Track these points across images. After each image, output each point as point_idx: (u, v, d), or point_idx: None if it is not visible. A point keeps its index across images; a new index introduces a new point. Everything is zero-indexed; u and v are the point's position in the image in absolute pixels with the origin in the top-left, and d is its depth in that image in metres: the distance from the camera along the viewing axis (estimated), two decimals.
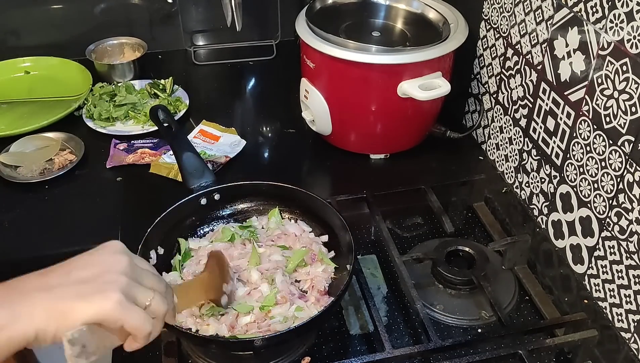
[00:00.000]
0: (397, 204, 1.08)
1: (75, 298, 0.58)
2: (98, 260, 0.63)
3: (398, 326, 0.88)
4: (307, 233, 0.93)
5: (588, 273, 0.89)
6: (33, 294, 0.58)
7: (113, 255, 0.63)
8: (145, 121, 1.25)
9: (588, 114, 0.86)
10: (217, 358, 0.82)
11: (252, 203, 0.98)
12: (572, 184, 0.91)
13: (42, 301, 0.58)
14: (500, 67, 1.09)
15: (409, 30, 1.15)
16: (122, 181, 1.13)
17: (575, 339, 0.84)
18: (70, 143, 1.19)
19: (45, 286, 0.59)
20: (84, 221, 1.03)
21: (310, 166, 1.24)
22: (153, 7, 1.49)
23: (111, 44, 1.45)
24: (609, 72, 0.80)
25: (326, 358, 0.83)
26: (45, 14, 1.43)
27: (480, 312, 0.89)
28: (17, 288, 0.59)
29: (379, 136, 1.17)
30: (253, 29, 1.53)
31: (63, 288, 0.59)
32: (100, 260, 0.63)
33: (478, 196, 1.10)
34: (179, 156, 0.99)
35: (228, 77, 1.48)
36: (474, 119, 1.23)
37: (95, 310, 0.58)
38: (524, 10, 0.99)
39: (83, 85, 1.34)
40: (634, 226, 0.79)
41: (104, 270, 0.61)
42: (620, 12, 0.76)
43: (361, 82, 1.08)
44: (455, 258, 0.95)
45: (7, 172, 1.12)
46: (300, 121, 1.22)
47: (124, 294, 0.59)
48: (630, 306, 0.81)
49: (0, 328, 0.55)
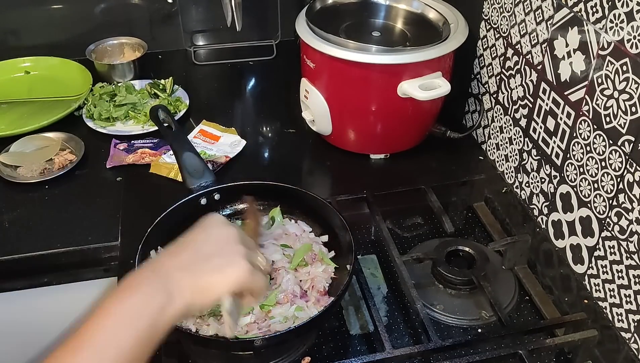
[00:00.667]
0: (397, 204, 1.08)
1: (212, 273, 0.66)
2: (215, 234, 0.70)
3: (398, 326, 0.88)
4: (307, 233, 0.93)
5: (588, 273, 0.89)
6: (175, 274, 0.64)
7: (223, 227, 0.71)
8: (146, 121, 1.25)
9: (588, 114, 0.86)
10: (217, 358, 0.82)
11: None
12: (572, 184, 0.91)
13: (186, 280, 0.64)
14: (500, 67, 1.09)
15: (409, 30, 1.15)
16: (122, 181, 1.13)
17: (575, 339, 0.84)
18: (70, 143, 1.19)
19: (182, 266, 0.65)
20: (84, 221, 1.03)
21: (310, 166, 1.24)
22: (153, 7, 1.48)
23: (111, 44, 1.45)
24: (609, 72, 0.80)
25: (326, 358, 0.83)
26: (45, 14, 1.43)
27: (480, 312, 0.89)
28: (159, 271, 0.64)
29: (379, 136, 1.17)
30: (253, 29, 1.53)
31: (198, 265, 0.66)
32: (217, 233, 0.70)
33: (478, 196, 1.10)
34: (179, 156, 0.99)
35: (228, 77, 1.48)
36: (474, 119, 1.23)
37: (231, 281, 0.66)
38: (524, 10, 0.99)
39: (83, 85, 1.34)
40: (634, 226, 0.79)
41: (224, 242, 0.69)
42: (620, 12, 0.76)
43: (361, 82, 1.08)
44: (455, 258, 0.95)
45: (7, 172, 1.12)
46: (300, 121, 1.22)
47: (249, 261, 0.68)
48: (630, 306, 0.81)
49: (163, 309, 0.61)
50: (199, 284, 0.65)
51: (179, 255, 0.67)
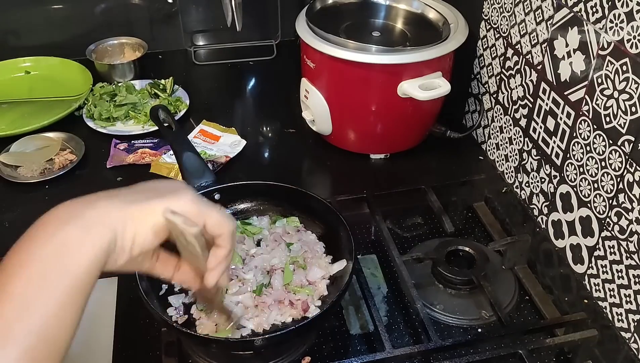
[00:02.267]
0: (397, 204, 1.08)
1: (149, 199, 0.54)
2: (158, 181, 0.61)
3: (398, 326, 0.88)
4: (307, 233, 0.93)
5: (588, 273, 0.90)
6: (100, 203, 0.52)
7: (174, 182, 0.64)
8: (146, 121, 1.25)
9: (588, 114, 0.86)
10: (217, 358, 0.82)
11: (252, 203, 0.98)
12: (572, 184, 0.91)
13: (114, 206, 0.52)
14: (500, 67, 1.09)
15: (409, 30, 1.15)
16: (122, 181, 1.13)
17: (575, 339, 0.84)
18: (71, 143, 1.19)
19: (113, 196, 0.54)
20: None
21: (310, 166, 1.24)
22: (153, 7, 1.49)
23: (111, 44, 1.45)
24: (609, 72, 0.80)
25: (326, 358, 0.83)
26: (45, 14, 1.43)
27: (480, 312, 0.89)
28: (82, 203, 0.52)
29: (379, 136, 1.17)
30: (253, 29, 1.52)
31: (130, 194, 0.55)
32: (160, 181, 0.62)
33: (478, 196, 1.10)
34: (179, 156, 0.99)
35: (228, 77, 1.48)
36: (474, 119, 1.23)
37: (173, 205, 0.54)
38: (524, 10, 0.99)
39: (83, 85, 1.34)
40: (634, 226, 0.79)
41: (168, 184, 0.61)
42: (620, 12, 0.76)
43: (361, 82, 1.08)
44: (455, 258, 0.95)
45: (7, 172, 1.12)
46: (300, 121, 1.22)
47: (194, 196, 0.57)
48: (630, 306, 0.81)
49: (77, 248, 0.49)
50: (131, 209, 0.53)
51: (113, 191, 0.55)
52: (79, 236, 0.50)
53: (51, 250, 0.49)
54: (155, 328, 0.85)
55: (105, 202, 0.53)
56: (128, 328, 0.86)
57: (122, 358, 0.82)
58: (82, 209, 0.52)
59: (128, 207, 0.53)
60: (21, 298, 0.46)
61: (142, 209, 0.53)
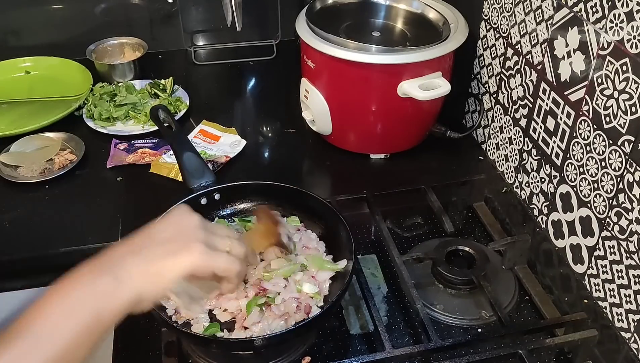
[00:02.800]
0: (397, 204, 1.08)
1: (165, 257, 0.64)
2: (173, 221, 0.69)
3: (398, 326, 0.89)
4: (308, 232, 0.93)
5: (588, 273, 0.90)
6: (126, 258, 0.62)
7: (184, 214, 0.70)
8: (146, 121, 1.25)
9: (588, 114, 0.86)
10: (217, 358, 0.82)
11: (252, 203, 0.98)
12: (572, 184, 0.91)
13: (136, 265, 0.62)
14: (500, 67, 1.09)
15: (409, 30, 1.15)
16: (122, 181, 1.13)
17: (575, 339, 0.84)
18: (71, 143, 1.19)
19: (134, 250, 0.64)
20: (84, 221, 1.03)
21: (310, 166, 1.24)
22: (153, 7, 1.49)
23: (111, 44, 1.45)
24: (609, 72, 0.80)
25: (326, 358, 0.83)
26: (45, 14, 1.43)
27: (480, 312, 0.89)
28: (109, 258, 0.63)
29: (379, 136, 1.17)
30: (253, 29, 1.53)
31: (150, 249, 0.64)
32: (175, 220, 0.69)
33: (478, 196, 1.10)
34: (179, 156, 0.99)
35: (228, 77, 1.48)
36: (474, 119, 1.23)
37: (185, 264, 0.64)
38: (524, 10, 0.99)
39: (83, 85, 1.34)
40: (634, 226, 0.79)
41: (182, 227, 0.68)
42: (620, 12, 0.76)
43: (361, 82, 1.08)
44: (455, 258, 0.95)
45: (7, 172, 1.12)
46: (300, 121, 1.22)
47: (205, 244, 0.66)
48: (630, 306, 0.81)
49: (110, 295, 0.59)
50: (150, 269, 0.62)
51: (132, 241, 0.65)
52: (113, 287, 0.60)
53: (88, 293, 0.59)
54: (155, 328, 0.85)
55: (131, 259, 0.63)
56: (128, 328, 0.86)
57: (122, 358, 0.82)
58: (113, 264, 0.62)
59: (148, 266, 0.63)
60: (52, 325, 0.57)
61: (159, 272, 0.63)
